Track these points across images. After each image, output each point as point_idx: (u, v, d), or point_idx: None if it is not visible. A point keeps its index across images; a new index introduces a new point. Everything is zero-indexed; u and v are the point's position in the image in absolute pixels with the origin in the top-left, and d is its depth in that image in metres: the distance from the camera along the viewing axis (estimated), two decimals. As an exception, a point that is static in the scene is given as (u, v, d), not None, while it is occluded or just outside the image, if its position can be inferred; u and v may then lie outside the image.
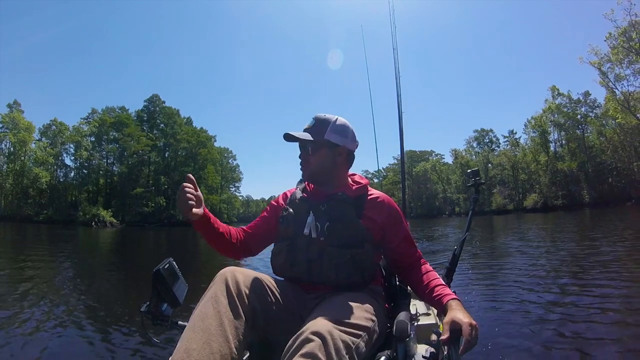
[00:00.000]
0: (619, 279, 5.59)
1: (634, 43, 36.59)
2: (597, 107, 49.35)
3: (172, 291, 1.42)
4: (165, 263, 1.45)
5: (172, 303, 1.44)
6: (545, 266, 7.14)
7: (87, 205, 53.90)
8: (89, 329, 4.05)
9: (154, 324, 1.42)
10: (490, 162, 63.30)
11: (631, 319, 3.75)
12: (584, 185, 47.52)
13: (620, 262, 7.02)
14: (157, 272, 1.39)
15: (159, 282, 1.39)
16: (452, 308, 1.36)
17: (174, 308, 1.45)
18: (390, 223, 1.62)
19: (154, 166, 63.29)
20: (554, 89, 53.25)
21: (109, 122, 60.09)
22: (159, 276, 1.39)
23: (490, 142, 68.33)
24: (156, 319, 1.41)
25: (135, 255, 15.00)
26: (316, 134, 1.60)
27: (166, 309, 1.43)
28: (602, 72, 40.34)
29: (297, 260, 1.53)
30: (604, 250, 8.66)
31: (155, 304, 1.41)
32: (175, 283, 1.45)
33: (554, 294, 4.99)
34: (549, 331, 3.50)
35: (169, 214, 60.09)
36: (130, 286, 6.83)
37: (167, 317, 1.42)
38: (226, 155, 76.42)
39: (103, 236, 28.37)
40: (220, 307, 1.20)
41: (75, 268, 9.71)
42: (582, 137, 50.77)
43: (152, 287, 1.41)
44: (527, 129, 59.61)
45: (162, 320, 1.41)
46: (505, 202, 57.95)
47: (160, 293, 1.41)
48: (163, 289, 1.40)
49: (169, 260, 1.49)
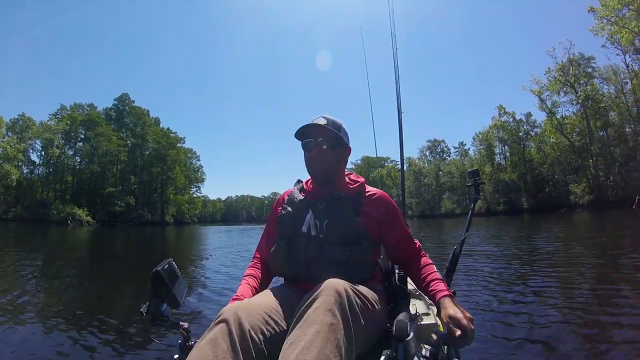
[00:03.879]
0: (553, 278, 5.81)
1: (569, 77, 41.46)
2: (537, 127, 52.40)
3: (171, 291, 1.36)
4: (165, 264, 1.39)
5: (171, 303, 1.38)
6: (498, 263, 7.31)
7: (60, 203, 50.37)
8: (89, 330, 3.83)
9: (154, 324, 1.36)
10: (441, 170, 65.10)
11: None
12: (523, 194, 49.83)
13: (552, 261, 7.37)
14: (157, 273, 1.33)
15: (159, 282, 1.33)
16: (444, 306, 1.33)
17: (173, 308, 1.40)
18: (388, 219, 1.56)
19: (122, 165, 60.87)
20: (501, 108, 55.62)
21: (79, 120, 57.24)
22: (158, 277, 1.33)
23: (441, 152, 70.68)
24: (156, 319, 1.35)
25: (130, 253, 14.44)
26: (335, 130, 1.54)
27: (166, 309, 1.37)
28: (541, 100, 45.26)
29: (296, 258, 1.47)
30: (548, 250, 9.05)
31: (155, 304, 1.35)
32: (174, 283, 1.39)
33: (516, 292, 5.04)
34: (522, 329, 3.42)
35: (137, 213, 58.23)
36: (129, 286, 6.51)
37: (167, 317, 1.36)
38: (190, 156, 73.64)
39: (84, 235, 27.01)
40: (219, 351, 1.06)
41: (69, 267, 9.24)
42: (523, 152, 53.43)
43: (151, 288, 1.34)
44: (475, 141, 61.98)
45: (162, 320, 1.35)
46: (454, 206, 59.70)
47: (159, 293, 1.35)
48: (163, 290, 1.35)
49: (168, 261, 1.43)
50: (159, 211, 64.41)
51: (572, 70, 41.59)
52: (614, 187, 38.19)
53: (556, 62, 42.84)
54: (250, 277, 1.60)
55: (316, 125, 1.51)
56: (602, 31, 34.81)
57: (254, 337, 1.13)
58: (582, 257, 7.68)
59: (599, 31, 35.00)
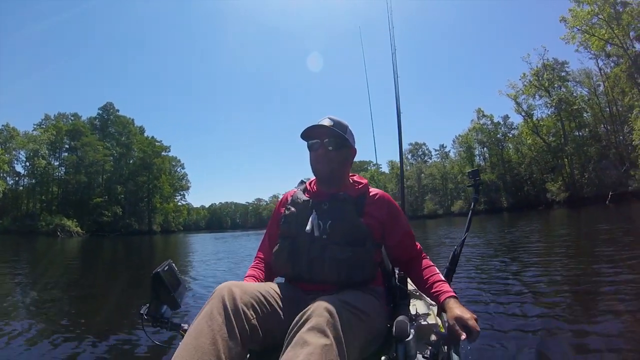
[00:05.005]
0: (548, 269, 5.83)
1: (543, 81, 43.29)
2: (514, 128, 53.75)
3: (171, 293, 1.35)
4: (165, 265, 1.38)
5: (172, 305, 1.38)
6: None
7: (48, 214, 48.71)
8: (90, 332, 3.77)
9: (154, 326, 1.35)
10: (423, 172, 65.70)
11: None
12: (502, 193, 50.83)
13: (534, 256, 7.40)
14: (157, 275, 1.32)
15: (159, 284, 1.32)
16: (449, 306, 1.33)
17: (173, 310, 1.39)
18: (390, 219, 1.56)
19: (107, 175, 59.68)
20: (480, 111, 56.64)
21: (64, 130, 55.97)
22: (158, 278, 1.32)
23: (423, 154, 71.29)
24: (156, 321, 1.34)
25: (128, 261, 14.20)
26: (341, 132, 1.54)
27: (166, 311, 1.36)
28: (517, 103, 46.87)
29: (299, 258, 1.45)
30: (529, 244, 9.16)
31: (155, 306, 1.35)
32: (174, 285, 1.38)
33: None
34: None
35: (124, 223, 57.07)
36: (131, 290, 6.46)
37: (167, 319, 1.35)
38: (174, 164, 72.17)
39: (76, 246, 26.33)
40: (215, 324, 1.10)
41: (71, 275, 9.15)
42: (501, 153, 54.55)
43: (151, 290, 1.34)
44: (456, 144, 63.16)
45: (162, 322, 1.35)
46: (436, 207, 60.27)
47: (160, 295, 1.34)
48: (163, 291, 1.34)
49: (168, 263, 1.41)
50: (146, 220, 63.25)
51: (547, 74, 43.27)
52: (588, 184, 39.42)
53: (531, 68, 44.45)
54: (251, 278, 1.60)
55: (322, 126, 1.51)
56: (573, 39, 36.25)
57: (247, 313, 1.18)
58: (561, 250, 7.93)
59: (570, 39, 36.48)
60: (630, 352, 2.68)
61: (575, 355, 2.71)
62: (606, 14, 32.57)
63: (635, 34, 32.73)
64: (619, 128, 38.66)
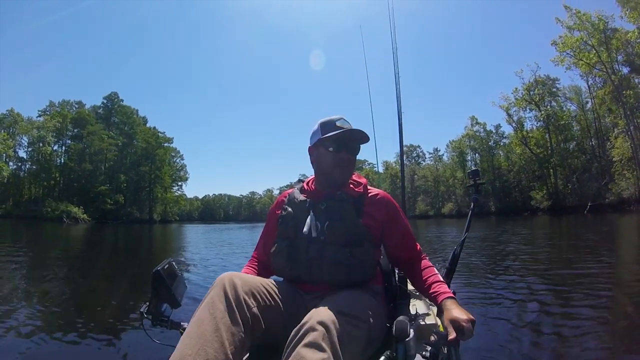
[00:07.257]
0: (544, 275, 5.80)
1: (534, 96, 45.00)
2: (505, 137, 54.88)
3: (171, 292, 1.33)
4: (165, 263, 1.36)
5: (172, 303, 1.36)
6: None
7: (53, 201, 48.26)
8: (90, 330, 3.60)
9: (154, 324, 1.34)
10: (416, 174, 66.17)
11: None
12: (491, 198, 51.57)
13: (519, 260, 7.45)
14: (157, 273, 1.30)
15: (159, 282, 1.31)
16: (447, 307, 1.30)
17: (173, 308, 1.37)
18: (390, 219, 1.51)
19: (110, 164, 59.56)
20: (473, 118, 57.68)
21: (69, 117, 55.76)
22: (158, 277, 1.30)
23: (417, 157, 71.74)
24: (156, 319, 1.33)
25: (137, 252, 13.31)
26: None
27: (166, 309, 1.35)
28: (509, 115, 48.30)
29: (298, 259, 1.41)
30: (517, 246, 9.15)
31: (155, 304, 1.33)
32: (175, 283, 1.37)
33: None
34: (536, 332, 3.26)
35: (126, 211, 57.11)
36: (133, 286, 6.09)
37: (167, 317, 1.34)
38: (173, 155, 71.74)
39: (84, 233, 25.83)
40: (217, 312, 1.09)
41: (75, 266, 8.66)
42: (492, 160, 55.50)
43: (151, 288, 1.32)
44: (449, 148, 63.84)
45: (162, 320, 1.33)
46: (427, 208, 61.14)
47: (160, 293, 1.33)
48: (163, 290, 1.32)
49: (168, 261, 1.40)
50: (147, 209, 63.23)
51: (538, 90, 44.88)
52: (571, 194, 40.70)
53: (523, 83, 45.92)
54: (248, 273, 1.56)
55: (361, 131, 1.47)
56: (562, 62, 37.35)
57: (248, 301, 1.17)
58: (541, 254, 8.34)
59: (559, 62, 37.61)
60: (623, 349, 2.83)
61: (575, 355, 2.75)
62: (596, 40, 33.69)
63: (622, 58, 34.08)
64: (603, 143, 39.97)
